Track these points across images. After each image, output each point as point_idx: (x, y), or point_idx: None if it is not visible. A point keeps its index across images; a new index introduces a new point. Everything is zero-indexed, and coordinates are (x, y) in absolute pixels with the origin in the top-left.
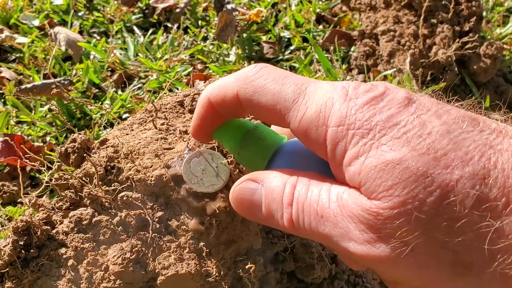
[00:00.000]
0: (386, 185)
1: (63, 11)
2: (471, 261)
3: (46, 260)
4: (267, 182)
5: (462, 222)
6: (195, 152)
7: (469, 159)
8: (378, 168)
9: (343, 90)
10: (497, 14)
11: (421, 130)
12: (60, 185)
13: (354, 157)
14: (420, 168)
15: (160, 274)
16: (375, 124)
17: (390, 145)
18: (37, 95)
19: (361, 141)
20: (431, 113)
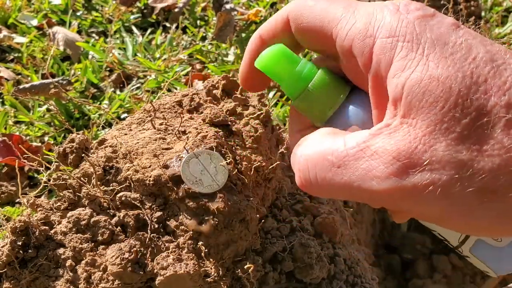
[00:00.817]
0: (428, 100)
1: (62, 11)
2: (497, 185)
3: (44, 260)
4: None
5: (490, 144)
6: (194, 152)
7: (507, 88)
8: (423, 84)
9: (394, 6)
10: (495, 14)
11: (467, 53)
12: (58, 185)
13: (400, 69)
14: (462, 90)
15: (158, 274)
16: (425, 40)
17: (437, 63)
18: (35, 95)
19: (410, 54)
20: (477, 40)
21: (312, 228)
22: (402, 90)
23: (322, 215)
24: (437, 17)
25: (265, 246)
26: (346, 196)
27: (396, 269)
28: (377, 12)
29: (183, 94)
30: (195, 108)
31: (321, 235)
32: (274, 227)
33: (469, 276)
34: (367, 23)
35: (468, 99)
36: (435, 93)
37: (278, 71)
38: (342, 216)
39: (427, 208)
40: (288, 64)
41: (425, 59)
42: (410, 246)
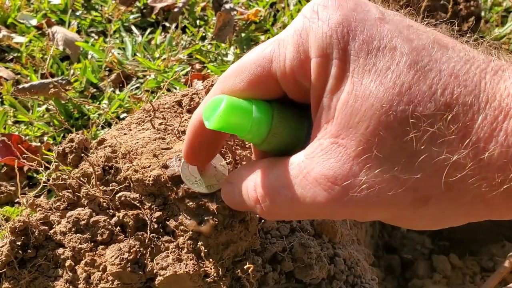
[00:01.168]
0: (354, 121)
1: (61, 11)
2: (430, 195)
3: (44, 260)
4: (238, 182)
5: (421, 158)
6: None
7: (432, 93)
8: (349, 104)
9: (313, 14)
10: (495, 14)
11: (390, 60)
12: (57, 185)
13: (331, 90)
14: (384, 106)
15: (158, 274)
16: (349, 53)
17: (361, 79)
18: (34, 94)
19: (339, 73)
20: (402, 36)
21: (312, 228)
22: (333, 110)
23: None
24: (359, 13)
25: (265, 246)
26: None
27: (395, 270)
28: (300, 30)
29: (183, 94)
30: (194, 108)
31: (321, 235)
32: (273, 227)
33: (469, 276)
34: (296, 45)
35: (391, 115)
36: (360, 113)
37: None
38: None
39: (376, 216)
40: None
41: (351, 77)
42: (409, 247)
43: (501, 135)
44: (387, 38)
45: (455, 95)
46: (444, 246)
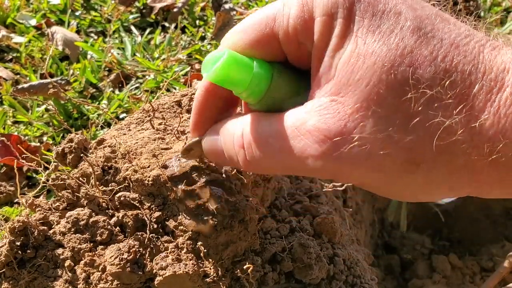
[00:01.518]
0: (354, 79)
1: (60, 11)
2: (421, 157)
3: (43, 260)
4: (224, 131)
5: (416, 120)
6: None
7: (433, 59)
8: (351, 62)
9: None
10: (495, 14)
11: (394, 23)
12: (57, 186)
13: (334, 49)
14: (386, 64)
15: (157, 274)
16: (354, 13)
17: (364, 38)
18: (34, 95)
19: (343, 31)
20: (407, 4)
21: (311, 228)
22: (334, 69)
23: (322, 215)
24: None
25: (265, 246)
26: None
27: (395, 269)
28: None
29: (182, 94)
30: None
31: (321, 236)
32: (273, 227)
33: (469, 276)
34: (301, 6)
35: (392, 74)
36: (361, 70)
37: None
38: (341, 216)
39: (360, 178)
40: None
41: (354, 36)
42: (409, 246)
43: (494, 106)
44: (392, 3)
45: (454, 63)
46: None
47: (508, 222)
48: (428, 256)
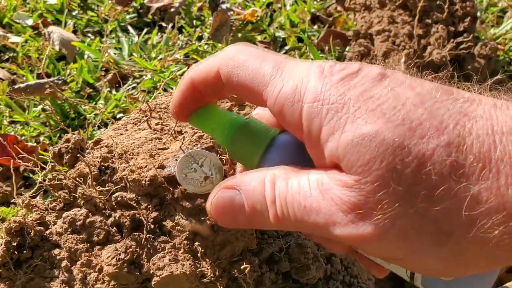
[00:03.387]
0: (364, 159)
1: (57, 10)
2: (451, 228)
3: (40, 261)
4: (245, 185)
5: (440, 190)
6: (190, 152)
7: (444, 127)
8: (355, 142)
9: (319, 68)
10: (491, 15)
11: (395, 101)
12: (53, 186)
13: (330, 133)
14: (396, 140)
15: (154, 275)
16: (349, 98)
17: (365, 118)
18: (30, 94)
19: (336, 115)
20: (405, 85)
21: None
22: (337, 153)
23: None
24: (361, 72)
25: (262, 246)
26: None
27: None
28: (303, 75)
29: None
30: None
31: None
32: None
33: None
34: (293, 87)
35: (405, 147)
36: (370, 149)
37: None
38: None
39: (386, 250)
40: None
41: (352, 117)
42: None
43: None
44: (389, 87)
45: (467, 128)
46: None
47: None
48: None
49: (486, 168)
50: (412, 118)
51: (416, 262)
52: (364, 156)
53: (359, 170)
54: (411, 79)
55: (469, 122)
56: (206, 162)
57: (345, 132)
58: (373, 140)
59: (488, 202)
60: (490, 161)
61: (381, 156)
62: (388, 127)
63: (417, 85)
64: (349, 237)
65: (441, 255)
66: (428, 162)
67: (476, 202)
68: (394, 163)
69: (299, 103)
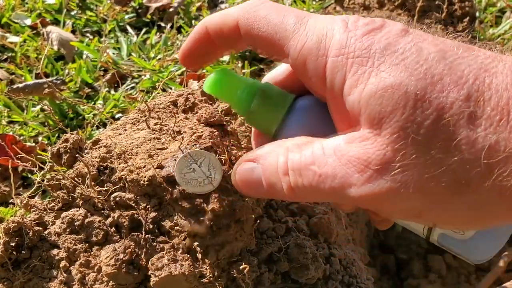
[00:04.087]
0: (386, 110)
1: (56, 10)
2: (469, 177)
3: (38, 261)
4: (262, 158)
5: (457, 140)
6: (189, 152)
7: (464, 82)
8: (378, 95)
9: (343, 22)
10: (489, 15)
11: (418, 56)
12: (52, 186)
13: (354, 86)
14: (418, 93)
15: (153, 275)
16: (373, 52)
17: (389, 72)
18: (29, 94)
19: (360, 69)
20: (428, 41)
21: (307, 228)
22: (359, 105)
23: (318, 215)
24: (385, 28)
25: (261, 246)
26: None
27: (391, 269)
28: (327, 29)
29: (178, 94)
30: (190, 108)
31: (317, 235)
32: (269, 227)
33: (464, 276)
34: (318, 41)
35: (426, 100)
36: (392, 101)
37: (224, 94)
38: (337, 216)
39: (404, 205)
40: (231, 88)
41: (376, 70)
42: (405, 246)
43: None
44: (412, 42)
45: (487, 83)
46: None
47: None
48: (423, 255)
49: (503, 119)
50: (433, 73)
51: (435, 215)
52: (386, 108)
53: (380, 122)
54: (433, 36)
55: (489, 77)
56: (205, 162)
57: (369, 84)
58: (396, 92)
59: (506, 150)
60: (508, 113)
61: (403, 108)
62: (410, 81)
63: (440, 42)
64: (367, 197)
65: (460, 205)
66: (446, 113)
67: (494, 151)
68: (415, 114)
69: (324, 57)
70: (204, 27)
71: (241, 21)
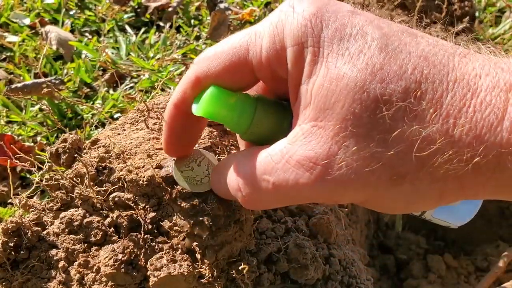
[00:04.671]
0: (330, 102)
1: (55, 10)
2: (405, 170)
3: (37, 261)
4: (224, 172)
5: (394, 134)
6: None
7: (403, 72)
8: (325, 87)
9: (289, 8)
10: (489, 14)
11: (362, 44)
12: (51, 186)
13: (308, 76)
14: (358, 84)
15: (152, 275)
16: (323, 39)
17: (335, 62)
18: (27, 94)
19: (314, 59)
20: (373, 25)
21: (307, 229)
22: (310, 95)
23: (317, 216)
24: (332, 6)
25: (260, 246)
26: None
27: (390, 270)
28: (276, 22)
29: None
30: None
31: (316, 236)
32: (269, 227)
33: (464, 276)
34: (272, 38)
35: (364, 92)
36: (335, 93)
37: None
38: (337, 216)
39: (354, 196)
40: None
41: (325, 62)
42: (404, 246)
43: (469, 112)
44: (358, 26)
45: (424, 74)
46: (438, 246)
47: (502, 221)
48: (423, 256)
49: (436, 112)
50: (374, 62)
51: (384, 205)
52: (330, 100)
53: (326, 114)
54: (380, 18)
55: (427, 67)
56: (204, 162)
57: (319, 76)
58: (339, 84)
59: (437, 142)
60: (441, 106)
61: (343, 100)
62: (352, 72)
63: (385, 25)
64: (320, 194)
65: (398, 195)
66: (384, 106)
67: (427, 144)
68: (353, 106)
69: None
70: (171, 107)
71: (198, 73)
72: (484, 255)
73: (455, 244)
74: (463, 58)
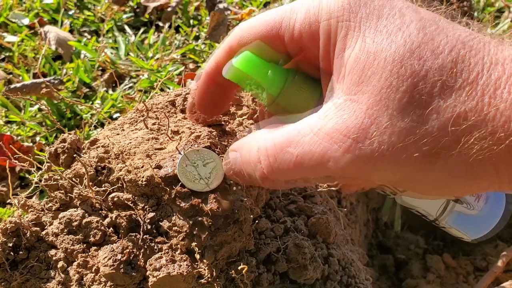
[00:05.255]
0: (366, 75)
1: (53, 10)
2: (439, 147)
3: (36, 262)
4: (242, 148)
5: (429, 108)
6: (189, 151)
7: (440, 52)
8: (361, 60)
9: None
10: (488, 15)
11: (400, 23)
12: (49, 186)
13: (342, 49)
14: (396, 59)
15: (151, 275)
16: (360, 16)
17: (373, 37)
18: (26, 94)
19: (350, 33)
20: (412, 8)
21: (306, 229)
22: (344, 69)
23: (316, 216)
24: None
25: (259, 247)
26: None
27: (389, 269)
28: None
29: (176, 93)
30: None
31: (315, 236)
32: (268, 227)
33: (463, 276)
34: (307, 11)
35: (402, 67)
36: (372, 67)
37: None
38: (336, 216)
39: (384, 175)
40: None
41: (362, 36)
42: (403, 246)
43: (505, 92)
44: (397, 8)
45: (461, 55)
46: (437, 245)
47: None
48: (422, 256)
49: (472, 90)
50: (413, 41)
51: (414, 185)
52: (367, 73)
53: (360, 87)
54: (417, 6)
55: (464, 49)
56: (211, 165)
57: (355, 50)
58: (377, 58)
59: (471, 119)
60: (477, 85)
61: (380, 73)
62: (390, 47)
63: (422, 11)
64: (346, 169)
65: (432, 174)
66: (421, 81)
67: (461, 120)
68: (389, 80)
69: (316, 23)
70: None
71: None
72: (483, 255)
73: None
74: (498, 46)
